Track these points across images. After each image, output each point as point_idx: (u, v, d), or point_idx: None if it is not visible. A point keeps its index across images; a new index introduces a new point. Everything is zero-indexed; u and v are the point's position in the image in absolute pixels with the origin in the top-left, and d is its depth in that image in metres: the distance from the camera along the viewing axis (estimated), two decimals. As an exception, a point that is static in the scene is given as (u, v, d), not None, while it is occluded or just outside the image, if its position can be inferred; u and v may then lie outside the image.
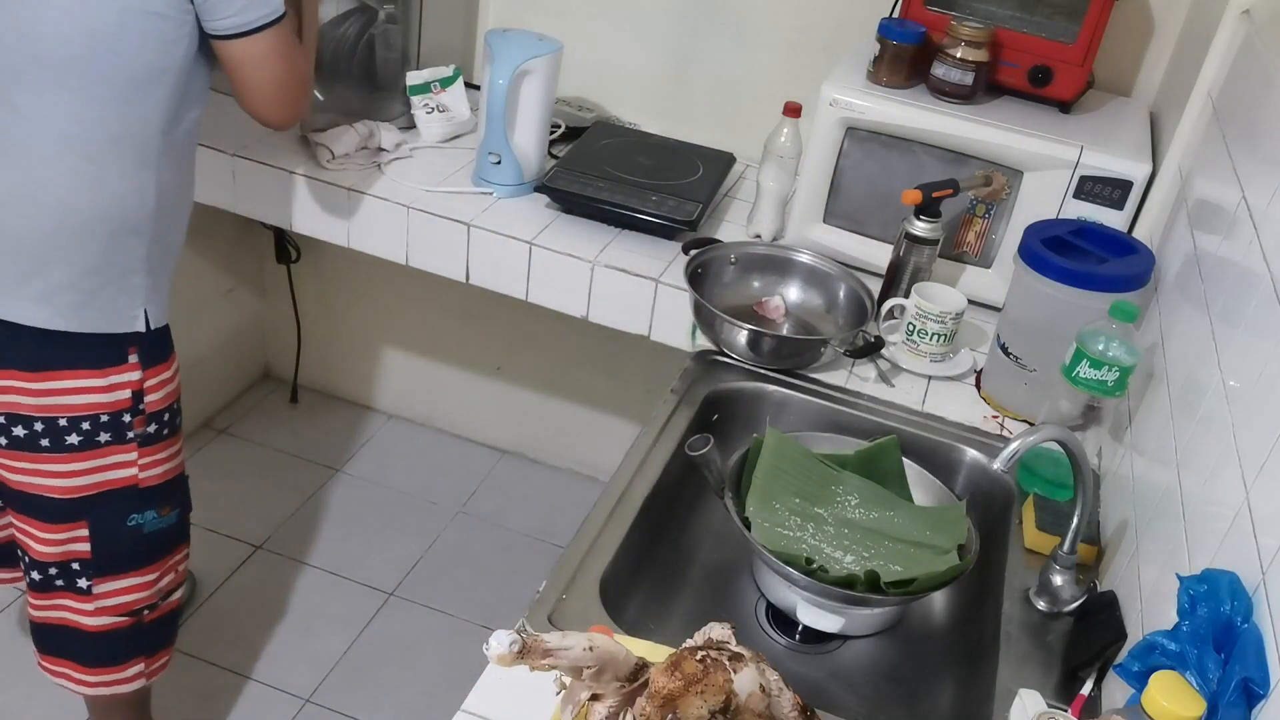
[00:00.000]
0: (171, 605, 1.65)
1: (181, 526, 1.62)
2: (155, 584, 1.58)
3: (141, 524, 1.52)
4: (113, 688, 1.61)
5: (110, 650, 1.58)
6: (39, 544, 1.48)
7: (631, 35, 2.15)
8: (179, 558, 1.63)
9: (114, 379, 1.42)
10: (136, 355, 1.43)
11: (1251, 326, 0.99)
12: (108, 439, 1.44)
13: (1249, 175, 1.15)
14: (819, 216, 1.78)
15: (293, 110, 1.45)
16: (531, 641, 0.82)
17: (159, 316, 1.45)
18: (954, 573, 1.20)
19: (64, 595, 1.53)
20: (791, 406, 1.51)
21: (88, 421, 1.42)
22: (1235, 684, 0.74)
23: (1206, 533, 0.95)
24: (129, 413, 1.45)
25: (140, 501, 1.51)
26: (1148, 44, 1.87)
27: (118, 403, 1.43)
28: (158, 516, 1.54)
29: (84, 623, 1.55)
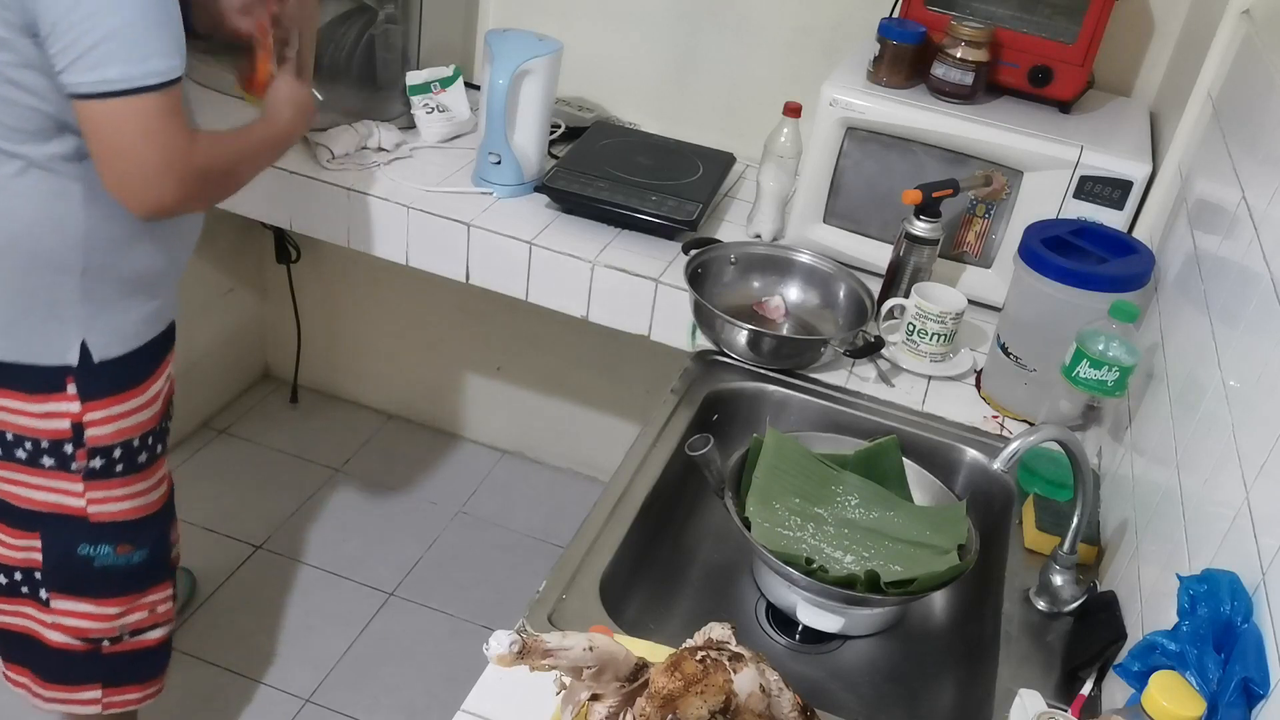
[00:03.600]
0: (145, 644, 1.56)
1: (152, 566, 1.51)
2: (116, 618, 1.51)
3: (92, 557, 1.44)
4: (68, 706, 1.56)
5: (66, 669, 1.53)
6: (3, 546, 1.45)
7: (631, 35, 2.15)
8: (154, 598, 1.54)
9: (50, 407, 1.34)
10: (75, 387, 1.33)
11: (1251, 326, 0.99)
12: (51, 464, 1.37)
13: (1249, 175, 1.15)
14: (819, 216, 1.78)
15: (152, 201, 1.21)
16: (531, 641, 0.82)
17: (108, 348, 1.34)
18: (954, 573, 1.20)
19: (27, 603, 1.49)
20: (791, 406, 1.51)
21: (29, 442, 1.35)
22: (1235, 684, 0.74)
23: (1206, 533, 0.95)
24: (70, 443, 1.36)
25: (90, 534, 1.43)
26: (1148, 44, 1.87)
27: (56, 431, 1.35)
28: (113, 553, 1.45)
29: (44, 635, 1.50)
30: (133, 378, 1.39)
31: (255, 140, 1.38)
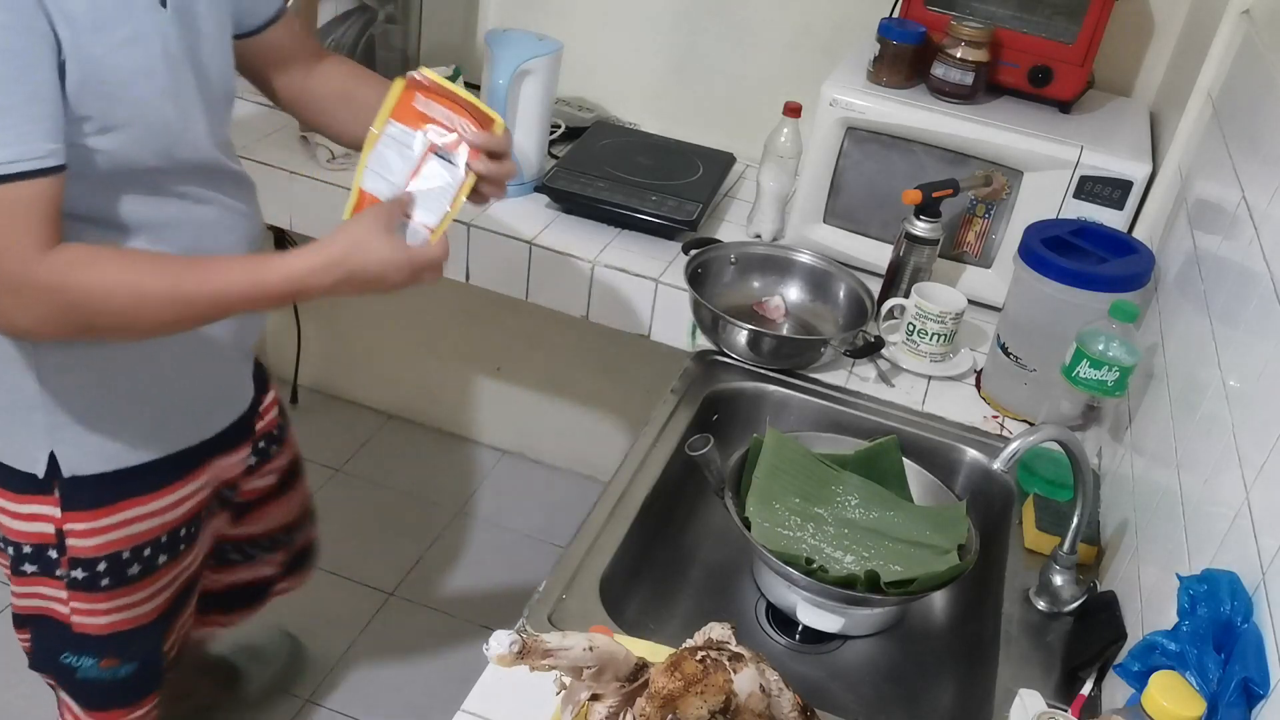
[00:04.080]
0: None
1: (142, 680, 1.38)
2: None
3: (74, 667, 1.33)
4: None
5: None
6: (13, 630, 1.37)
7: (631, 35, 2.15)
8: (140, 712, 1.43)
9: (32, 509, 1.21)
10: (59, 491, 1.20)
11: (1251, 326, 0.99)
12: (33, 570, 1.26)
13: (1249, 175, 1.15)
14: (819, 216, 1.78)
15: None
16: (531, 642, 0.82)
17: (79, 464, 1.19)
18: (954, 573, 1.20)
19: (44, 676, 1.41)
20: (791, 406, 1.51)
21: (13, 546, 1.25)
22: (1235, 684, 0.74)
23: (1206, 533, 0.95)
24: (54, 549, 1.23)
25: (74, 644, 1.31)
26: (1148, 44, 1.87)
27: (39, 535, 1.23)
28: (96, 666, 1.33)
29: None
30: (121, 494, 1.23)
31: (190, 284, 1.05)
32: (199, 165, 1.17)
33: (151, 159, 1.10)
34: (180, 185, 1.15)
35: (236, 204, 1.24)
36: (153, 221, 1.13)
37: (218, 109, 1.19)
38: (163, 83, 1.07)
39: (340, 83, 1.35)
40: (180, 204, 1.16)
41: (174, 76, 1.09)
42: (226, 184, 1.22)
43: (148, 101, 1.06)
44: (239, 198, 1.25)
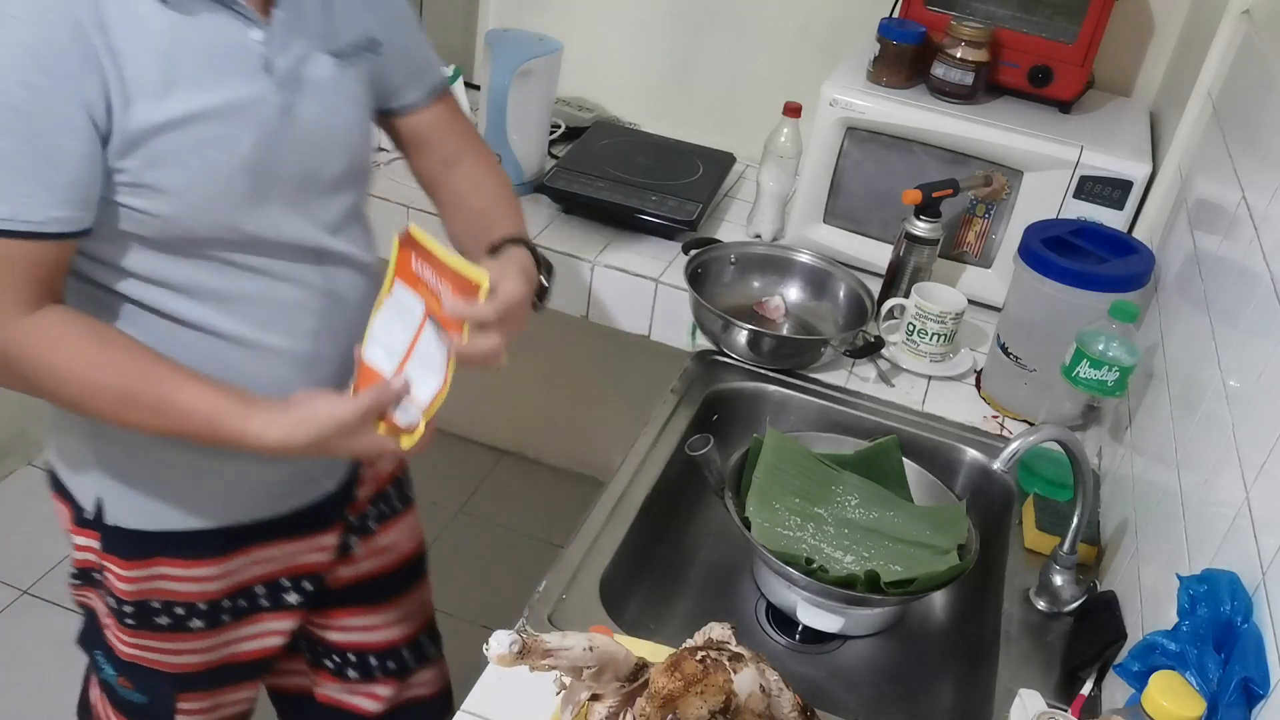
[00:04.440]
0: None
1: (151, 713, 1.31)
2: None
3: (100, 667, 1.30)
4: None
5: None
6: None
7: (631, 35, 2.15)
8: None
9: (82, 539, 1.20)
10: (101, 532, 1.18)
11: (1251, 326, 0.99)
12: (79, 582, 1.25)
13: (1249, 175, 1.15)
14: (819, 216, 1.78)
15: None
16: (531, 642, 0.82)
17: (122, 517, 1.16)
18: (954, 573, 1.20)
19: None
20: (791, 406, 1.51)
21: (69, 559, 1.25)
22: (1235, 684, 0.74)
23: (1206, 533, 0.95)
24: (98, 573, 1.22)
25: (103, 648, 1.28)
26: (1148, 44, 1.87)
27: (85, 561, 1.22)
28: (115, 678, 1.29)
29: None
30: (157, 551, 1.18)
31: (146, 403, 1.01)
32: (281, 243, 1.08)
33: (213, 231, 1.03)
34: (253, 258, 1.07)
35: (332, 287, 1.14)
36: (220, 292, 1.07)
37: (325, 186, 1.11)
38: (243, 156, 1.01)
39: (462, 183, 1.29)
40: (254, 279, 1.08)
41: (261, 150, 1.03)
42: (326, 264, 1.13)
43: (215, 172, 1.00)
44: (339, 281, 1.15)
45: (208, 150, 0.99)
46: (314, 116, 1.07)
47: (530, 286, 1.12)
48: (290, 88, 1.05)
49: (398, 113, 1.25)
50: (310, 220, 1.11)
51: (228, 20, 1.00)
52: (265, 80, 1.02)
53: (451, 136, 1.30)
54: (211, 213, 1.02)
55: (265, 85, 1.02)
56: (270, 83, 1.03)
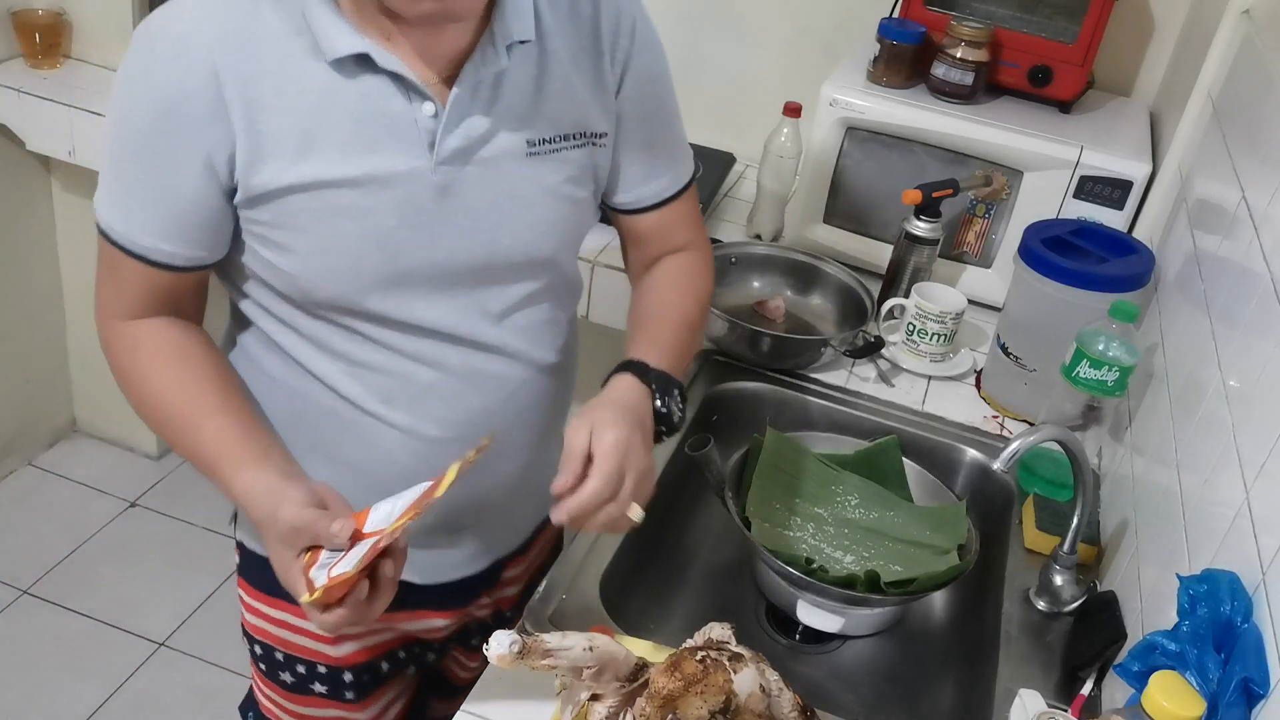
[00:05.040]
0: None
1: None
2: None
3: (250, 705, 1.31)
4: None
5: None
6: None
7: (631, 35, 2.15)
8: None
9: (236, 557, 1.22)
10: (237, 547, 1.21)
11: (1251, 326, 0.99)
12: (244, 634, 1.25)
13: (1249, 175, 1.15)
14: (819, 216, 1.78)
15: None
16: (531, 642, 0.82)
17: (248, 538, 1.18)
18: (954, 573, 1.20)
19: None
20: (791, 406, 1.51)
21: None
22: (1235, 684, 0.74)
23: (1206, 533, 0.95)
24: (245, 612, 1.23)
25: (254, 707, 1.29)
26: (1148, 44, 1.87)
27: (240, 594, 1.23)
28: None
29: None
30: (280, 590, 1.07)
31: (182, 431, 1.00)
32: (416, 325, 1.02)
33: (337, 300, 0.99)
34: (383, 332, 1.02)
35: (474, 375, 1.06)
36: (347, 355, 1.03)
37: (487, 275, 1.03)
38: (380, 232, 0.96)
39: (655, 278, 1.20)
40: (381, 351, 1.03)
41: (405, 229, 0.96)
42: (471, 349, 1.05)
43: (343, 244, 0.96)
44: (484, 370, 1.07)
45: (339, 220, 0.94)
46: (484, 202, 0.99)
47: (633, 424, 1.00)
48: (456, 168, 0.97)
49: (620, 208, 1.17)
50: (459, 308, 1.03)
51: (394, 90, 0.94)
52: (424, 157, 0.95)
53: (675, 236, 1.21)
54: (335, 283, 0.98)
55: (423, 162, 0.95)
56: (429, 160, 0.95)
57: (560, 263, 1.10)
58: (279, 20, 0.91)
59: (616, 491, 0.96)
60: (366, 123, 0.93)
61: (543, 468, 1.15)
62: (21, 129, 2.17)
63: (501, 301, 1.06)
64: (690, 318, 1.17)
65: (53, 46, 2.19)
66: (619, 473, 0.96)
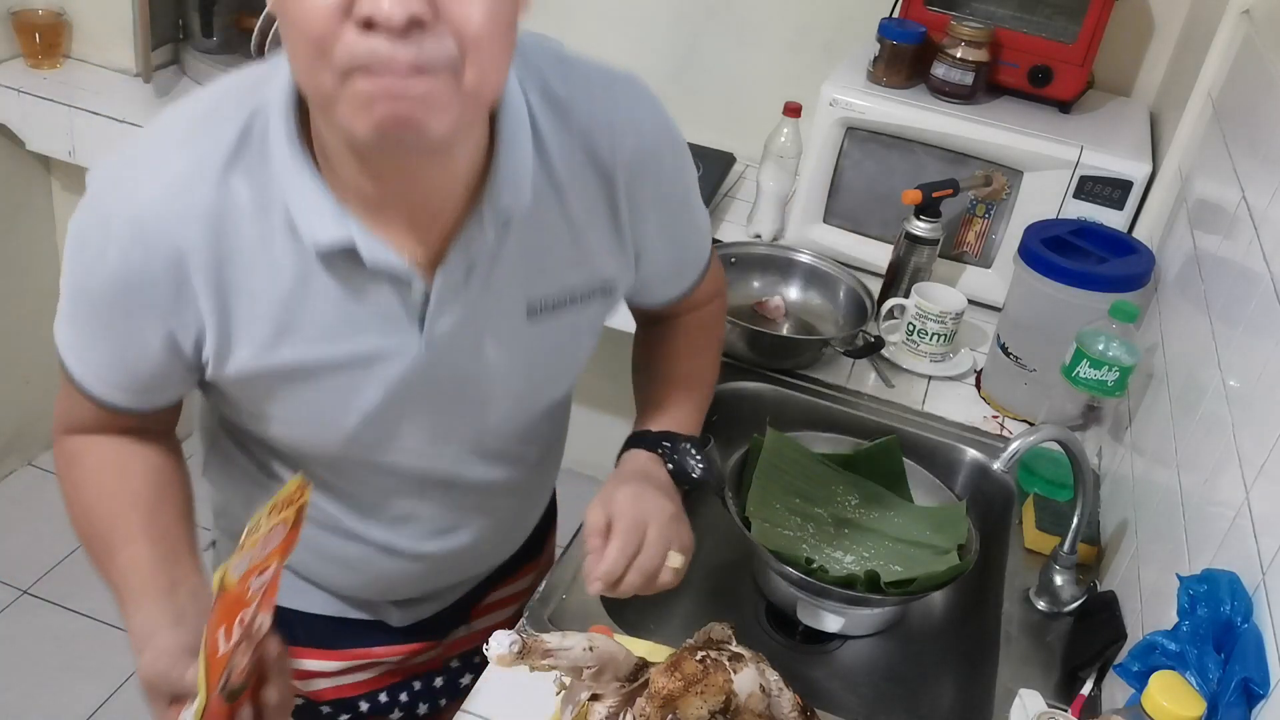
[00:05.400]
0: None
1: None
2: None
3: None
4: None
5: None
6: None
7: (631, 35, 2.15)
8: None
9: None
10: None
11: (1251, 326, 0.99)
12: None
13: (1249, 175, 1.15)
14: (819, 216, 1.78)
15: None
16: (531, 642, 0.82)
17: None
18: (954, 573, 1.20)
19: None
20: (791, 406, 1.51)
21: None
22: (1235, 684, 0.74)
23: (1206, 533, 0.95)
24: None
25: None
26: (1148, 44, 1.87)
27: None
28: None
29: None
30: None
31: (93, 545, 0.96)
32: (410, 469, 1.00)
33: (327, 456, 0.96)
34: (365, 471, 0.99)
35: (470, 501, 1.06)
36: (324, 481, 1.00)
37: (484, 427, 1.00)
38: (366, 409, 0.91)
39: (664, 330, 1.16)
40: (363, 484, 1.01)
41: (394, 403, 0.92)
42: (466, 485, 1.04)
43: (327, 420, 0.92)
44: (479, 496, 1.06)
45: (320, 396, 0.90)
46: (479, 372, 0.94)
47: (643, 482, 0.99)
48: (447, 344, 0.90)
49: (639, 306, 1.12)
50: (447, 457, 1.00)
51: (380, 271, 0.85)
52: (413, 336, 0.89)
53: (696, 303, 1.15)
54: (313, 445, 0.95)
55: (412, 341, 0.89)
56: (418, 340, 0.89)
57: (561, 400, 1.08)
58: (252, 194, 0.82)
59: (640, 542, 0.94)
60: (349, 303, 0.86)
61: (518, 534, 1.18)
62: (21, 129, 2.17)
63: (494, 445, 1.03)
64: (703, 373, 1.15)
65: (53, 46, 2.19)
66: (638, 525, 0.94)
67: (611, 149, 0.92)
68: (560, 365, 1.02)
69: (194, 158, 0.81)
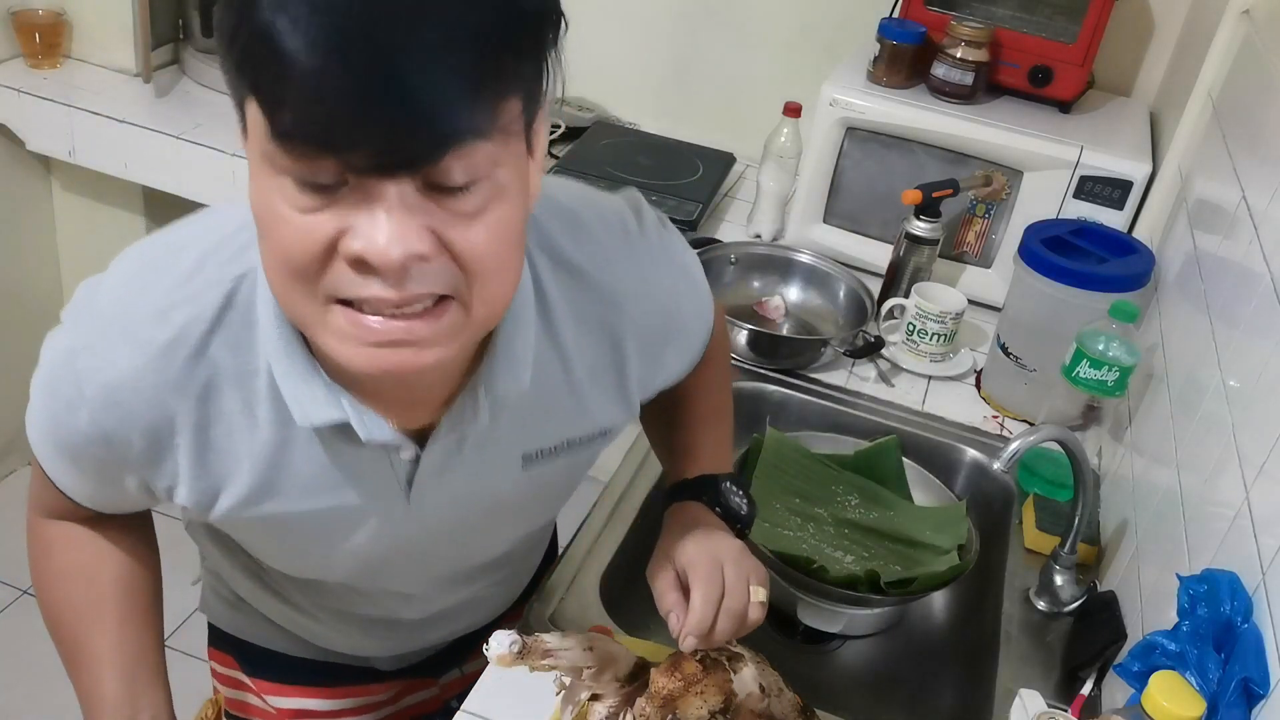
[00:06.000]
0: None
1: None
2: None
3: None
4: None
5: None
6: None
7: (631, 35, 2.15)
8: None
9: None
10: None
11: (1251, 326, 0.99)
12: None
13: (1249, 175, 1.15)
14: (819, 216, 1.78)
15: None
16: (531, 642, 0.82)
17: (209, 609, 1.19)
18: (954, 573, 1.20)
19: None
20: (791, 406, 1.51)
21: None
22: (1235, 684, 0.74)
23: (1206, 533, 0.95)
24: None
25: None
26: (1148, 44, 1.87)
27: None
28: None
29: None
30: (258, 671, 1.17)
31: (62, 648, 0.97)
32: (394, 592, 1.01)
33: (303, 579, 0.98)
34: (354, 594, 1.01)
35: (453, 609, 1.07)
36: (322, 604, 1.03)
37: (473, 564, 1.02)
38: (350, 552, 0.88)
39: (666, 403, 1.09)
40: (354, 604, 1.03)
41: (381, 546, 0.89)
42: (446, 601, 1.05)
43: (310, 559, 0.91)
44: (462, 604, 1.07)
45: (304, 538, 0.87)
46: (469, 518, 0.91)
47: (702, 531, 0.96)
48: (433, 503, 0.87)
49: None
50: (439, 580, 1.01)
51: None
52: (399, 495, 0.85)
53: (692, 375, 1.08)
54: (303, 574, 0.96)
55: (398, 499, 0.85)
56: (404, 498, 0.85)
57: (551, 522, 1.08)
58: (235, 360, 0.77)
59: (721, 586, 0.91)
60: (334, 466, 0.82)
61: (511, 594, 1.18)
62: (21, 129, 2.17)
63: (483, 563, 1.03)
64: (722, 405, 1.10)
65: (53, 46, 2.19)
66: (714, 569, 0.91)
67: (627, 316, 0.87)
68: (555, 499, 1.00)
69: (175, 330, 0.75)
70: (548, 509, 1.04)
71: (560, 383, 0.86)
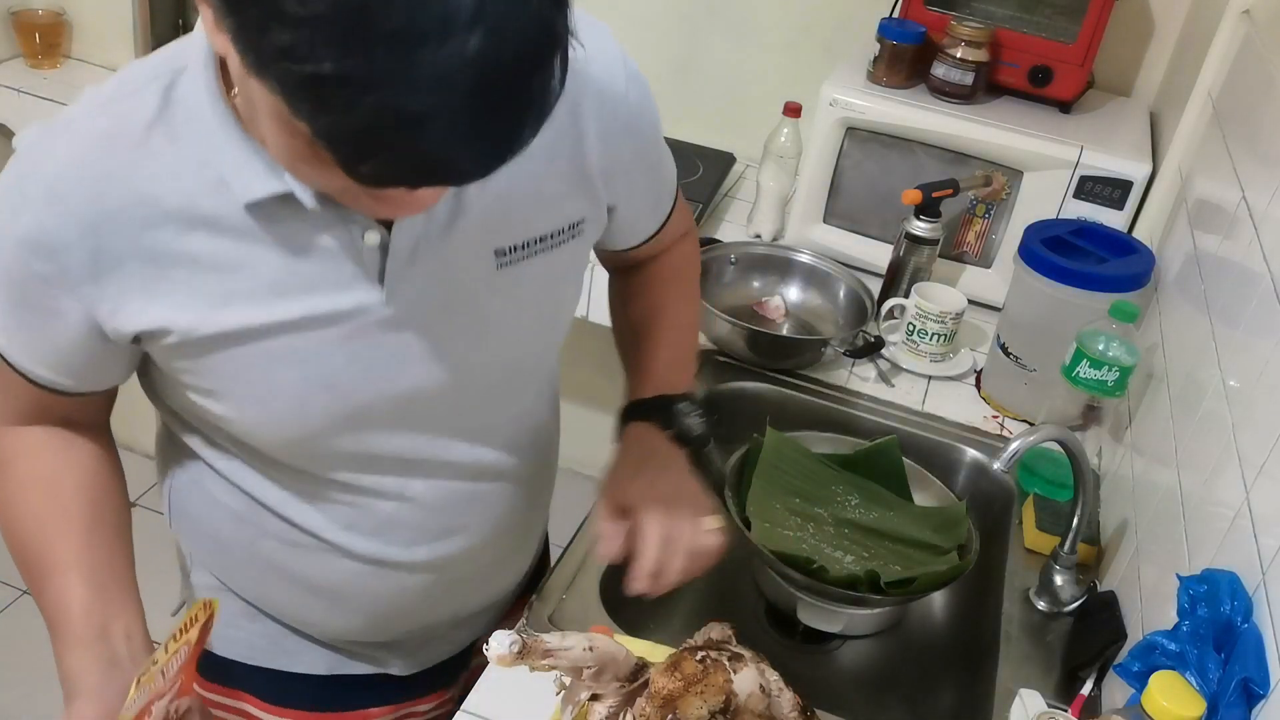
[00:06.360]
0: None
1: None
2: None
3: None
4: None
5: None
6: None
7: (631, 35, 2.14)
8: None
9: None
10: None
11: (1251, 326, 0.99)
12: None
13: (1249, 175, 1.15)
14: (819, 216, 1.78)
15: None
16: (531, 642, 0.82)
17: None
18: (954, 573, 1.20)
19: None
20: (791, 406, 1.51)
21: None
22: (1235, 684, 0.74)
23: (1206, 533, 0.95)
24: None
25: None
26: (1148, 44, 1.87)
27: None
28: None
29: None
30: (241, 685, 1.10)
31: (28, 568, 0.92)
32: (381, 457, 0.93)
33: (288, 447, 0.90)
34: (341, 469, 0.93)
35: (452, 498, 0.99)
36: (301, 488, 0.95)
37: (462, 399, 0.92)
38: (326, 374, 0.84)
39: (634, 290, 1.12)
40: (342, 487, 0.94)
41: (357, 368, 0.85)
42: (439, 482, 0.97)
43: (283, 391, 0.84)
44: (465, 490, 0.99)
45: (275, 366, 0.82)
46: (449, 327, 0.87)
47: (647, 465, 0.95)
48: (412, 297, 0.84)
49: (614, 249, 1.07)
50: (426, 436, 0.93)
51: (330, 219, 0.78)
52: (373, 290, 0.82)
53: (666, 243, 1.10)
54: (277, 429, 0.88)
55: (372, 296, 0.82)
56: (379, 294, 0.82)
57: (542, 367, 1.02)
58: (175, 151, 0.76)
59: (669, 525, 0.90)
60: (298, 258, 0.79)
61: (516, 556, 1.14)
62: (21, 129, 2.17)
63: (476, 419, 0.96)
64: (686, 322, 1.11)
65: (53, 46, 2.19)
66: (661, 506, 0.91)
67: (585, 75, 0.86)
68: (537, 322, 0.95)
69: (114, 119, 0.76)
70: (535, 334, 0.96)
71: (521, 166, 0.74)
